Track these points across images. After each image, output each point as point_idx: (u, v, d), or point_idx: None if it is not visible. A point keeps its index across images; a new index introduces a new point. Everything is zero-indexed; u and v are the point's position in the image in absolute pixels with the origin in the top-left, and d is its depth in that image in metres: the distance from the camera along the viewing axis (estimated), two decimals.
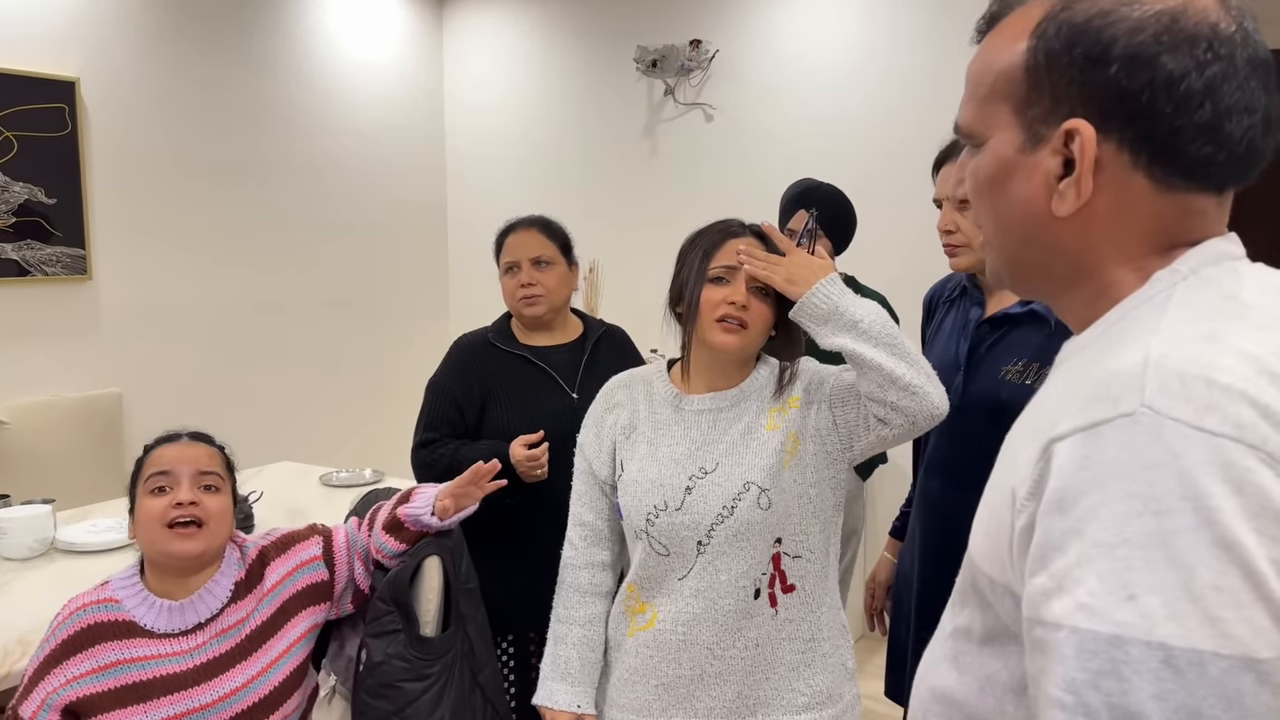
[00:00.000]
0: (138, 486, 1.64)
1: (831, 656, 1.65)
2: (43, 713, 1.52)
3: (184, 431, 1.71)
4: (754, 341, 1.63)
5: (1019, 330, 1.76)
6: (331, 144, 4.58)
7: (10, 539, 2.40)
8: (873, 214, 3.77)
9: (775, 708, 1.62)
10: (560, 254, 2.26)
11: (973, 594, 0.82)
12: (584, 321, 2.35)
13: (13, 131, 3.41)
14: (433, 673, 1.70)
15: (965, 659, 0.82)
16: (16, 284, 3.48)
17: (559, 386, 2.21)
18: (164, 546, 1.58)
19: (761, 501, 1.57)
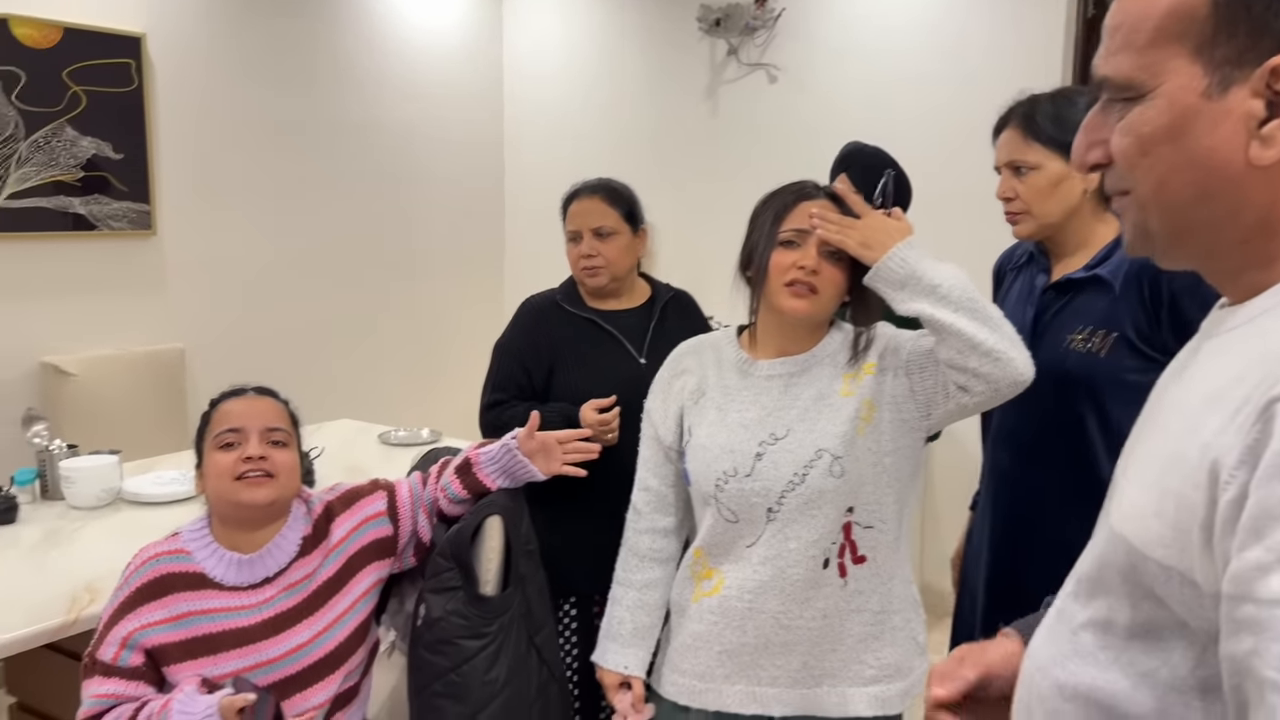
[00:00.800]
0: (205, 441, 1.66)
1: (902, 630, 1.62)
2: (126, 652, 1.54)
3: (249, 387, 1.72)
4: (824, 307, 1.58)
5: (1084, 296, 1.71)
6: (391, 105, 4.57)
7: (78, 488, 2.44)
8: (947, 183, 3.68)
9: (842, 679, 1.59)
10: (624, 221, 2.21)
11: (1122, 584, 0.76)
12: (652, 286, 2.32)
13: (80, 87, 3.44)
14: (490, 631, 1.69)
15: (1107, 654, 0.77)
16: (84, 238, 3.53)
17: (627, 351, 2.19)
18: (234, 497, 1.60)
19: (834, 469, 1.54)
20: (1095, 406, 1.67)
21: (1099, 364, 1.66)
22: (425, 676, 1.68)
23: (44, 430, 2.57)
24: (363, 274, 4.54)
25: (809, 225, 1.55)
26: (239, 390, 1.71)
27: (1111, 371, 1.65)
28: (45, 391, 3.41)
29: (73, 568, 2.06)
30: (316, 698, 1.64)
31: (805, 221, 1.56)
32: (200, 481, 1.67)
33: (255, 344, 4.09)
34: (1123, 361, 1.64)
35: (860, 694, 1.59)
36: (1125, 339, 1.64)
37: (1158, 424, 0.77)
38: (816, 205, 1.57)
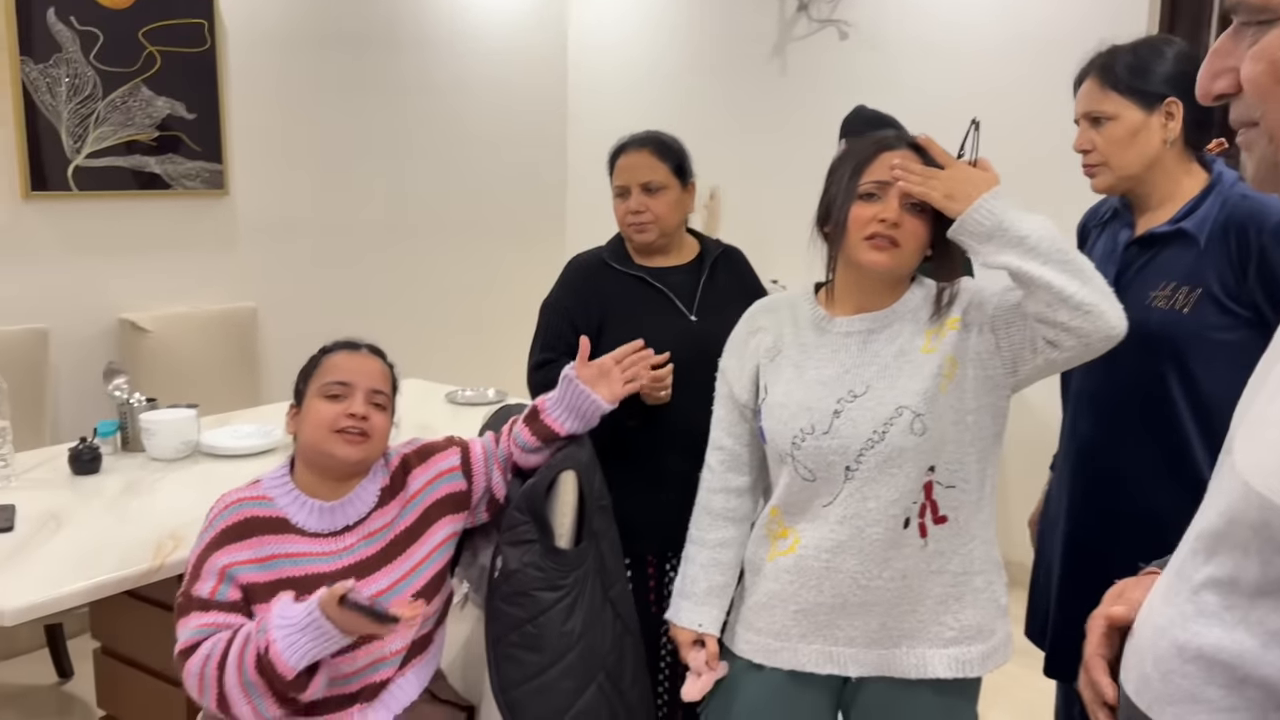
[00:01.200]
0: (309, 385, 1.68)
1: (984, 592, 1.59)
2: (224, 586, 1.57)
3: (363, 343, 1.75)
4: (906, 261, 1.55)
5: (1168, 250, 1.66)
6: (458, 65, 4.57)
7: (158, 440, 2.50)
8: (1027, 145, 3.59)
9: (921, 640, 1.57)
10: (673, 175, 2.15)
11: (1254, 539, 0.72)
12: (700, 242, 2.27)
13: (155, 47, 3.48)
14: (566, 584, 1.70)
15: (1233, 614, 0.73)
16: (160, 197, 3.58)
17: (676, 308, 2.14)
18: (329, 448, 1.63)
19: (915, 427, 1.50)
20: (1178, 366, 1.63)
21: (1183, 322, 1.61)
22: (502, 627, 1.69)
23: (124, 384, 2.63)
24: (429, 235, 4.56)
25: (890, 177, 1.51)
26: (352, 344, 1.73)
27: (1196, 329, 1.61)
28: (123, 347, 3.49)
29: (154, 517, 2.11)
30: (395, 643, 1.67)
31: (886, 173, 1.52)
32: (292, 421, 1.70)
33: (324, 304, 4.14)
34: (1207, 319, 1.60)
35: (939, 655, 1.56)
36: (1210, 295, 1.59)
37: None
38: (898, 156, 1.53)
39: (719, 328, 2.02)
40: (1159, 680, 0.79)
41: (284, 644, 1.47)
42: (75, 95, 3.30)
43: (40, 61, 3.21)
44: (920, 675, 1.56)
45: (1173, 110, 1.65)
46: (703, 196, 4.42)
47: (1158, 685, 0.80)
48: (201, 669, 1.51)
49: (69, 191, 3.33)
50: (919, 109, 3.89)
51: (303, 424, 1.66)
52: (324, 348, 1.73)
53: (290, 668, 1.46)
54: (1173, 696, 0.78)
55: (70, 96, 3.29)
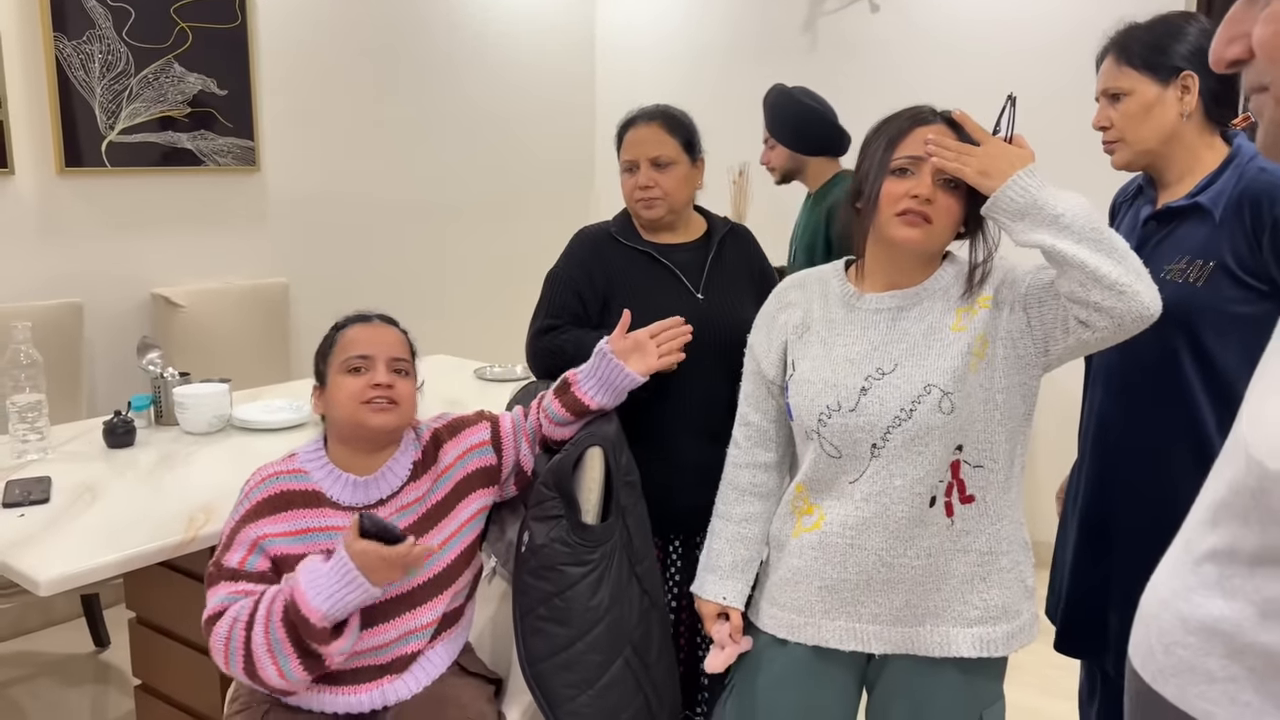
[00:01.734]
0: (329, 363, 1.69)
1: (1010, 572, 1.58)
2: (254, 556, 1.59)
3: (374, 314, 1.75)
4: (938, 238, 1.53)
5: (1184, 225, 1.66)
6: (487, 41, 4.56)
7: (191, 414, 2.53)
8: (1064, 120, 3.54)
9: (945, 619, 1.56)
10: (683, 151, 2.10)
11: (1253, 509, 0.72)
12: (707, 219, 2.22)
13: (187, 23, 3.50)
14: (593, 559, 1.71)
15: (1232, 583, 0.74)
16: (192, 173, 3.61)
17: (684, 286, 2.10)
18: (362, 419, 1.64)
19: (943, 405, 1.49)
20: (1190, 340, 1.63)
21: (1196, 295, 1.61)
22: (530, 600, 1.71)
23: (158, 358, 2.66)
24: (459, 211, 4.57)
25: (924, 152, 1.49)
26: (365, 317, 1.74)
27: (1209, 302, 1.60)
28: (156, 322, 3.53)
29: (188, 490, 2.14)
30: (426, 616, 1.68)
31: (920, 148, 1.50)
32: (318, 401, 1.71)
33: (354, 280, 4.17)
34: (1221, 292, 1.60)
35: (964, 634, 1.56)
36: (1224, 268, 1.59)
37: None
38: (932, 131, 1.51)
39: (725, 307, 2.04)
40: (1162, 652, 0.80)
41: (310, 588, 1.48)
42: (108, 72, 3.33)
43: (74, 38, 3.23)
44: (944, 654, 1.56)
45: (1188, 84, 1.65)
46: (732, 174, 4.40)
47: (1161, 657, 0.81)
48: (229, 632, 1.52)
49: (103, 167, 3.36)
50: (951, 83, 3.85)
51: (330, 402, 1.67)
52: (337, 324, 1.74)
53: (317, 611, 1.47)
54: (1175, 668, 0.79)
55: (103, 73, 3.32)
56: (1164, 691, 0.80)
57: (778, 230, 2.39)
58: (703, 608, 1.70)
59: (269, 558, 1.61)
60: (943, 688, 1.59)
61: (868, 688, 1.67)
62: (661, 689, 1.81)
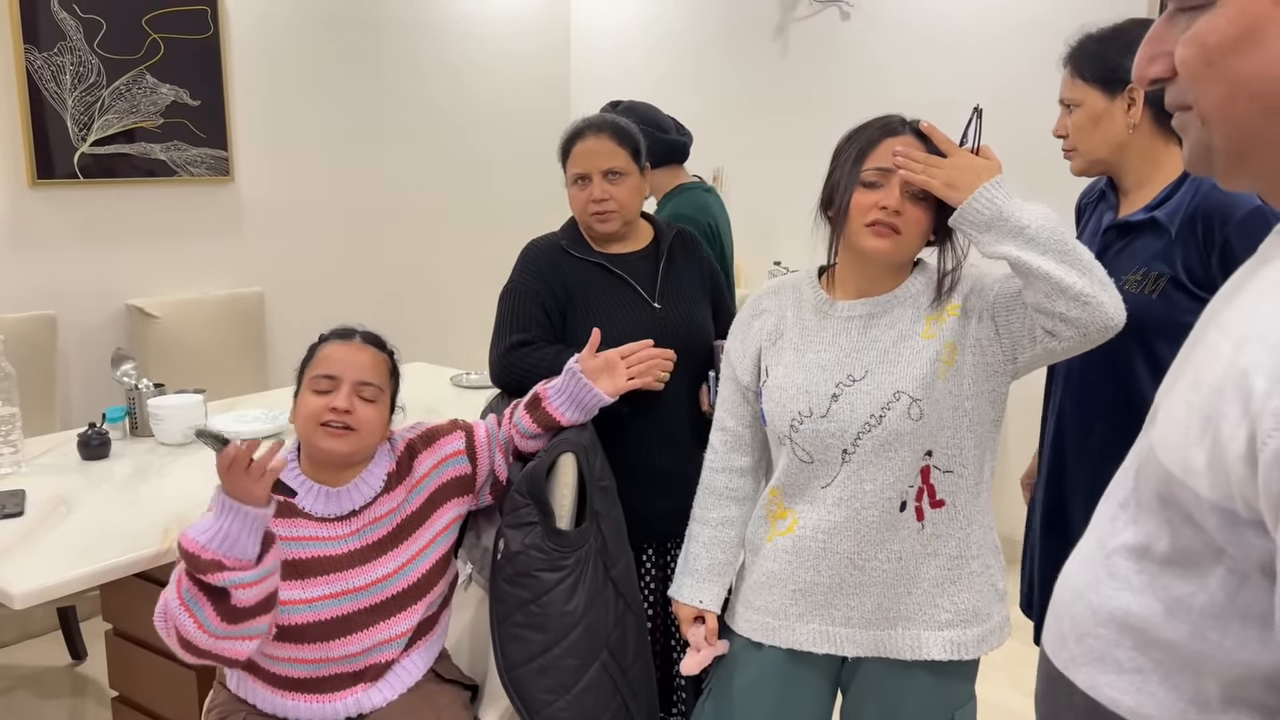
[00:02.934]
0: (304, 376, 1.70)
1: (980, 576, 1.60)
2: None
3: (358, 330, 1.74)
4: (907, 248, 1.55)
5: (1142, 238, 1.70)
6: (460, 49, 4.57)
7: (165, 425, 2.52)
8: (1036, 127, 3.59)
9: (916, 622, 1.58)
10: (632, 161, 2.08)
11: (1161, 509, 0.75)
12: (654, 225, 2.19)
13: (159, 34, 3.50)
14: (567, 564, 1.72)
15: (1141, 579, 0.77)
16: (165, 184, 3.60)
17: (639, 296, 2.07)
18: (315, 441, 1.66)
19: (913, 412, 1.52)
20: (1143, 347, 1.67)
21: (1150, 305, 1.65)
22: (507, 607, 1.72)
23: (132, 370, 2.66)
24: (432, 219, 4.58)
25: (893, 164, 1.52)
26: (347, 333, 1.73)
27: (1162, 313, 1.64)
28: (131, 333, 3.52)
29: (163, 501, 2.14)
30: (400, 625, 1.69)
31: (889, 160, 1.52)
32: (293, 413, 1.71)
33: (331, 288, 4.17)
34: (1174, 303, 1.64)
35: (935, 638, 1.58)
36: (1176, 280, 1.64)
37: (1206, 346, 0.75)
38: (901, 142, 1.53)
39: (682, 314, 2.06)
40: (1074, 641, 0.83)
41: (189, 529, 1.48)
42: (80, 83, 3.32)
43: (45, 50, 3.22)
44: (915, 657, 1.58)
45: (1134, 96, 1.68)
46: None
47: (1073, 646, 0.84)
48: (161, 607, 1.54)
49: (75, 179, 3.35)
50: (920, 90, 3.89)
51: (297, 416, 1.69)
52: (322, 335, 1.74)
53: (194, 541, 1.45)
54: (1087, 657, 0.82)
55: (75, 85, 3.31)
56: (1075, 678, 0.83)
57: (753, 233, 2.41)
58: (679, 611, 1.72)
59: None
60: (915, 690, 1.61)
61: (842, 690, 1.69)
62: (639, 692, 1.82)
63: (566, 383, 1.84)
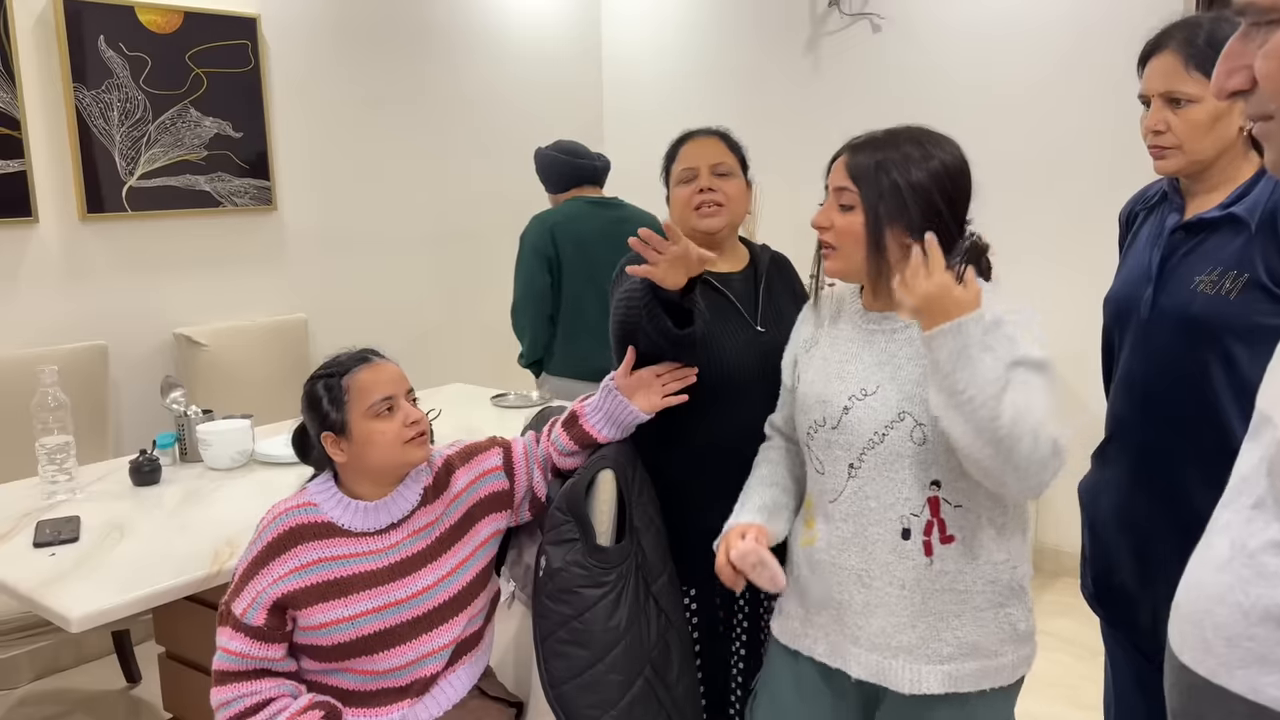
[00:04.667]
0: (348, 411, 1.66)
1: (988, 613, 1.54)
2: (252, 610, 1.63)
3: (368, 352, 1.74)
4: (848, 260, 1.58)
5: (1216, 236, 1.62)
6: (495, 76, 4.63)
7: (214, 450, 2.57)
8: (1066, 133, 3.57)
9: (918, 656, 1.54)
10: (740, 167, 2.03)
11: None
12: (748, 247, 2.13)
13: (202, 69, 3.58)
14: (609, 580, 1.73)
15: None
16: (210, 214, 3.68)
17: (742, 318, 1.98)
18: (408, 459, 1.69)
19: (915, 435, 1.50)
20: (1222, 353, 1.60)
21: (1228, 307, 1.58)
22: (550, 624, 1.73)
23: (181, 396, 2.71)
24: (472, 241, 4.62)
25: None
26: (364, 358, 1.72)
27: (1242, 315, 1.57)
28: (180, 361, 3.59)
29: (212, 525, 2.18)
30: (443, 638, 1.72)
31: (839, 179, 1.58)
32: (340, 450, 1.68)
33: (372, 314, 4.23)
34: (1255, 304, 1.56)
35: (934, 671, 1.53)
36: (1257, 280, 1.56)
37: None
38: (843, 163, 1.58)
39: (782, 340, 1.87)
40: (1224, 646, 0.81)
41: None
42: (127, 119, 3.41)
43: (93, 88, 3.32)
44: (914, 691, 1.53)
45: None
46: None
47: (1223, 651, 0.81)
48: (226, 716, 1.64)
49: (124, 212, 3.43)
50: (953, 98, 3.88)
51: (365, 448, 1.66)
52: (331, 373, 1.70)
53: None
54: (1243, 660, 0.80)
55: (122, 120, 3.40)
56: (1229, 685, 0.81)
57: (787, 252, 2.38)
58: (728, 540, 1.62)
59: (267, 611, 1.63)
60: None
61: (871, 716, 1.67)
62: (683, 706, 1.83)
63: (603, 400, 1.85)
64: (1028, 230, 3.69)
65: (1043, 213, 3.67)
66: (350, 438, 1.67)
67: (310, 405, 1.70)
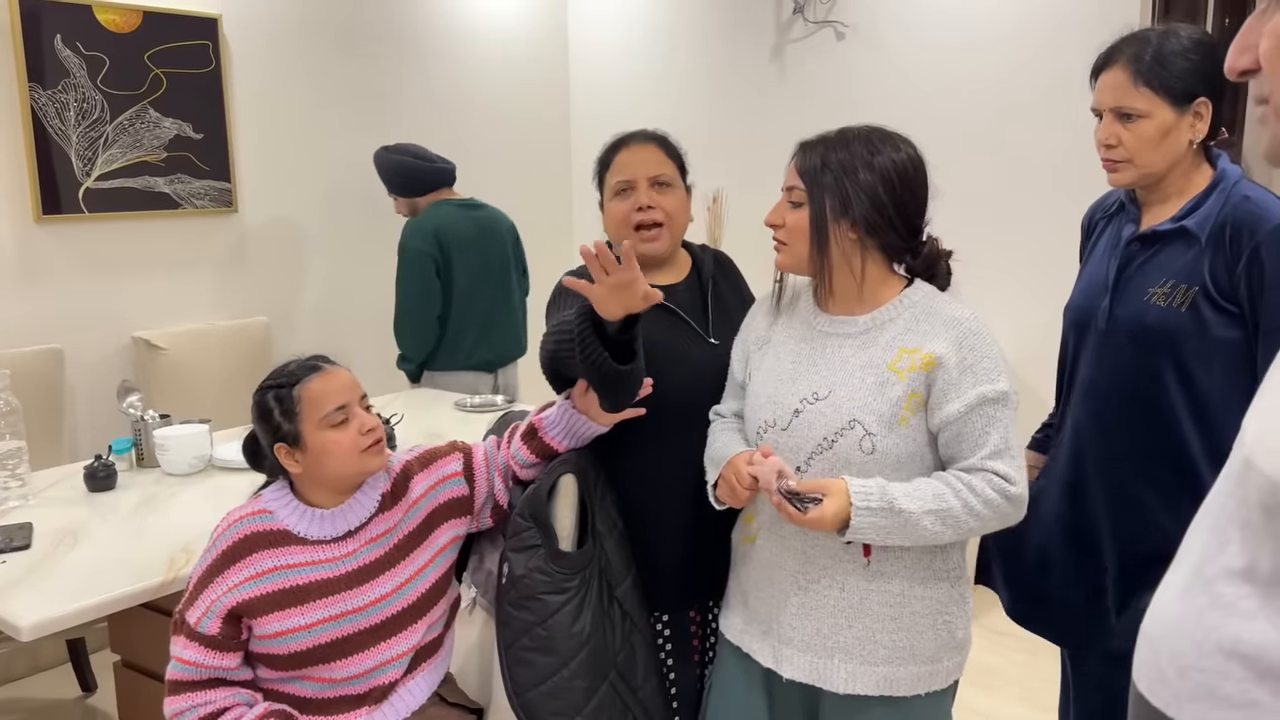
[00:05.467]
0: (301, 422, 1.62)
1: (926, 619, 1.55)
2: (206, 619, 1.60)
3: (319, 360, 1.69)
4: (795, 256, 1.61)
5: (1170, 248, 1.66)
6: (460, 78, 4.61)
7: (172, 455, 2.54)
8: (1026, 141, 3.61)
9: (854, 656, 1.55)
10: (679, 175, 1.89)
11: (1265, 524, 0.70)
12: (690, 252, 1.99)
13: (162, 69, 3.54)
14: (571, 586, 1.73)
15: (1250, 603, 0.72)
16: (170, 216, 3.63)
17: (693, 332, 1.87)
18: (366, 468, 1.67)
19: (864, 445, 1.50)
20: (1175, 363, 1.63)
21: (1180, 318, 1.62)
22: (514, 632, 1.72)
23: (138, 401, 2.67)
24: None
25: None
26: (314, 366, 1.67)
27: (1192, 326, 1.61)
28: (138, 365, 3.54)
29: (169, 531, 2.15)
30: (401, 645, 1.70)
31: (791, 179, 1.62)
32: (295, 461, 1.64)
33: (334, 317, 4.19)
34: (1204, 316, 1.60)
35: (869, 673, 1.55)
36: (1206, 293, 1.60)
37: None
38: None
39: None
40: (1176, 677, 0.77)
41: None
42: (84, 119, 3.36)
43: (49, 87, 3.26)
44: (848, 690, 1.55)
45: (1202, 111, 1.62)
46: (705, 200, 4.45)
47: (1175, 682, 0.78)
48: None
49: (81, 214, 3.38)
50: (915, 105, 3.91)
51: (320, 460, 1.63)
52: (280, 383, 1.65)
53: None
54: (1192, 693, 0.76)
55: (79, 121, 3.34)
56: (1179, 717, 0.77)
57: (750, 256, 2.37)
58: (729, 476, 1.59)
59: (222, 619, 1.60)
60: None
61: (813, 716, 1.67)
62: (651, 709, 1.82)
63: (560, 415, 1.81)
64: (990, 235, 3.72)
65: (1005, 219, 3.70)
66: (305, 449, 1.63)
67: (261, 416, 1.66)
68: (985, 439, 1.48)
